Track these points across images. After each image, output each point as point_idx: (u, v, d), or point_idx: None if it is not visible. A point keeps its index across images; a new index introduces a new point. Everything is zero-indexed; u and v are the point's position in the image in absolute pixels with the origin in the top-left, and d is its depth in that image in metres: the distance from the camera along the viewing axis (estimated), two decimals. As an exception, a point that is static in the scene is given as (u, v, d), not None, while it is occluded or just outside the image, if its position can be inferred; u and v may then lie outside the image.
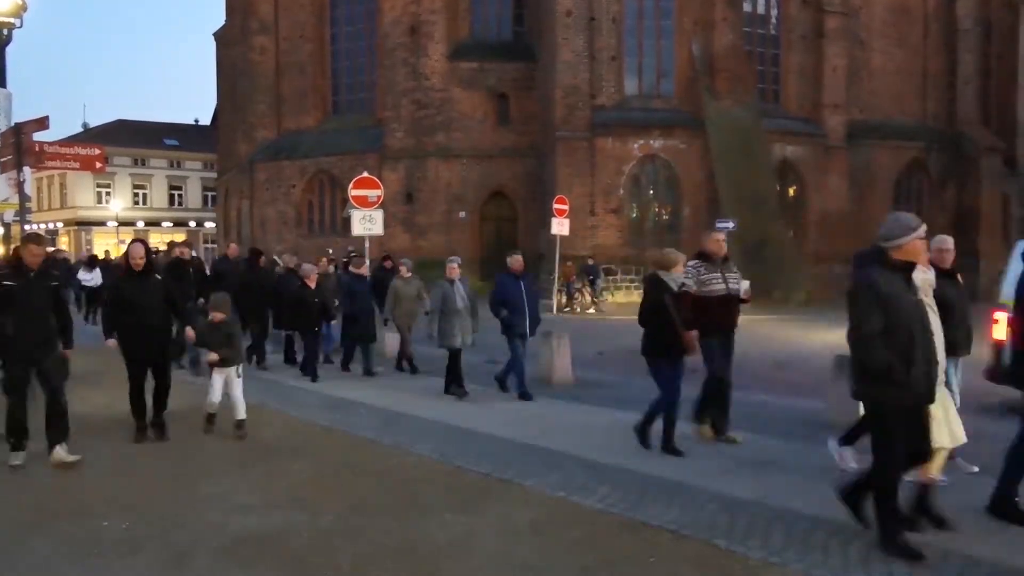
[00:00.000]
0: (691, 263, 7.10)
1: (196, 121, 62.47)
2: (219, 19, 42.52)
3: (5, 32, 10.62)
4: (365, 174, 15.08)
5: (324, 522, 5.08)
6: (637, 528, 4.93)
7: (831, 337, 15.88)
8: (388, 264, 13.93)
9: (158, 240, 55.58)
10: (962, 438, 4.95)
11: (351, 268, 12.17)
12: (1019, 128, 35.24)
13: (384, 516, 5.19)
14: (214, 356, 7.51)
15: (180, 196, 57.98)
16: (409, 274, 11.78)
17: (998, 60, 35.31)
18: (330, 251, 19.48)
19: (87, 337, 11.35)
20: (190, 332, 7.90)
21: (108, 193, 53.56)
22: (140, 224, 55.49)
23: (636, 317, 6.98)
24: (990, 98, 35.44)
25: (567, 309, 24.52)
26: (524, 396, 9.32)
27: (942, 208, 32.86)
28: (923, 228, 4.45)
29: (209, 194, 55.30)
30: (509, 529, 4.95)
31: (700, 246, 7.40)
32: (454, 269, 9.66)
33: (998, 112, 35.55)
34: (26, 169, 9.53)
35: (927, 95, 33.30)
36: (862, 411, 4.96)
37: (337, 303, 11.56)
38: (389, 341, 12.38)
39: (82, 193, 53.88)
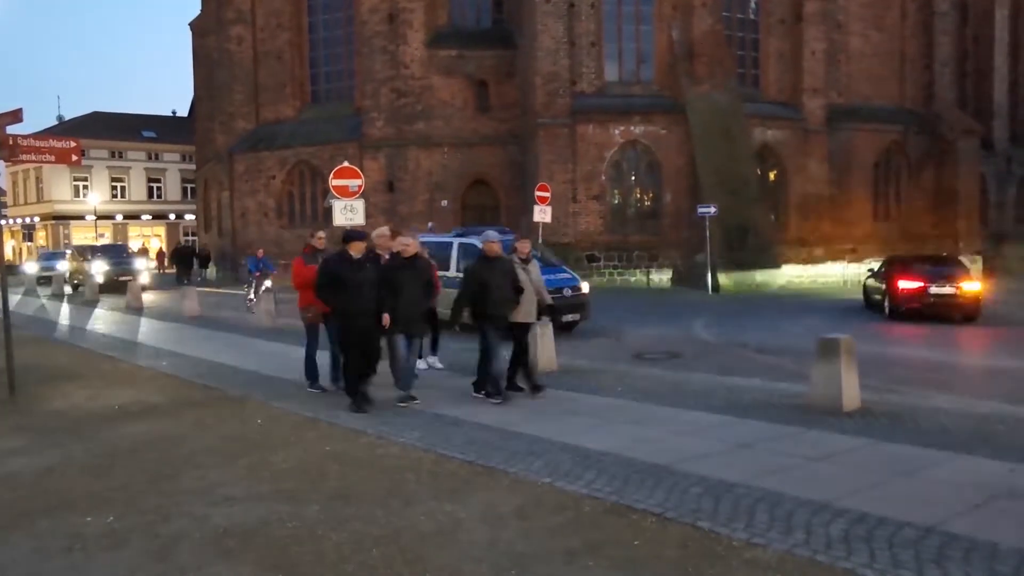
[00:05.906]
0: None
1: (173, 112, 61.93)
2: (195, 8, 42.02)
3: (-25, 24, 10.45)
4: (346, 163, 14.95)
5: (308, 512, 5.07)
6: (622, 512, 4.96)
7: (811, 321, 16.03)
8: None
9: (137, 233, 55.30)
10: None
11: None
12: (995, 110, 35.65)
13: (369, 505, 5.18)
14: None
15: (159, 188, 57.53)
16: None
17: (974, 43, 35.62)
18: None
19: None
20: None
21: (85, 186, 53.06)
22: (119, 217, 55.05)
23: None
24: (967, 80, 35.74)
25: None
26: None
27: (920, 190, 33.17)
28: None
29: (188, 186, 54.85)
30: (495, 516, 4.96)
31: None
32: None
33: (975, 94, 35.91)
34: (0, 163, 9.40)
35: (905, 78, 33.53)
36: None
37: None
38: None
39: (59, 187, 53.32)
